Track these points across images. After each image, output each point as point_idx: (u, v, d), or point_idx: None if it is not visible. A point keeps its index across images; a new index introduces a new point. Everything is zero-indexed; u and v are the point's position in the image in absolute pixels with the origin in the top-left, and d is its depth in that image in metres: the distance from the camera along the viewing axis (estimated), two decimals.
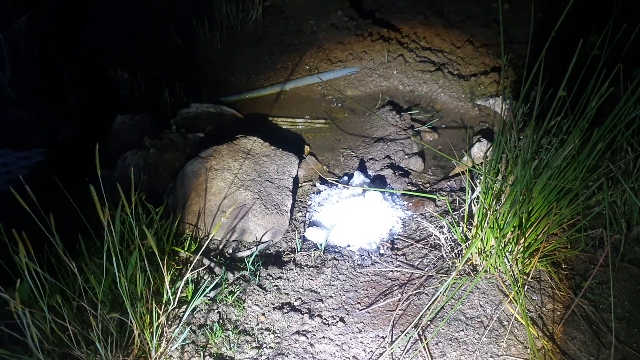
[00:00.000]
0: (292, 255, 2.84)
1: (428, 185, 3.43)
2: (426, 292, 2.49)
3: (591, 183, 2.27)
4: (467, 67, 4.51)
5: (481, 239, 2.46)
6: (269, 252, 2.92)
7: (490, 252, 2.44)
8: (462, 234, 2.66)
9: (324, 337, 2.30)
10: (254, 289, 2.59)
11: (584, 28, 3.49)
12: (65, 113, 4.36)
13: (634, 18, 2.39)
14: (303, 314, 2.42)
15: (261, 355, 2.22)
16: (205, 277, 2.63)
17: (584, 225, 2.40)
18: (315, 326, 2.36)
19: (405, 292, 2.50)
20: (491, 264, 2.46)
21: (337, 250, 2.83)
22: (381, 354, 2.17)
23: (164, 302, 2.19)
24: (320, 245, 2.84)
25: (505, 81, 2.23)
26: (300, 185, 3.48)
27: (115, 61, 4.86)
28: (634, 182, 2.60)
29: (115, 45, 5.05)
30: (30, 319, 1.78)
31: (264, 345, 2.27)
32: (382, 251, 2.81)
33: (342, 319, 2.39)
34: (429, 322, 2.31)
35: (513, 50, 4.25)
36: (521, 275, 2.46)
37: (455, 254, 2.66)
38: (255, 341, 2.29)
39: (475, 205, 2.59)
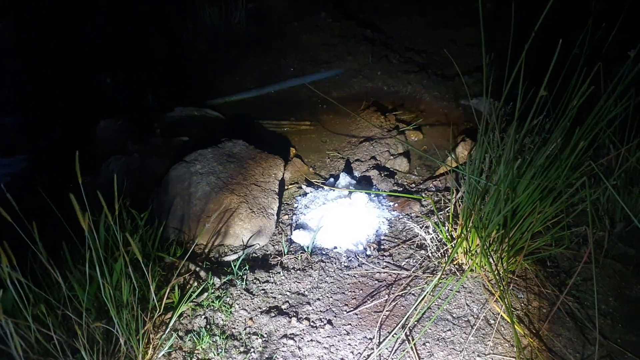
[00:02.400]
0: (279, 258, 2.84)
1: (414, 185, 3.44)
2: (413, 292, 2.49)
3: (574, 181, 2.29)
4: (451, 68, 4.54)
5: (466, 239, 2.47)
6: (255, 255, 2.91)
7: (476, 251, 2.45)
8: (447, 234, 2.67)
9: (311, 340, 2.30)
10: (241, 293, 2.58)
11: (567, 27, 3.52)
12: (49, 119, 4.32)
13: (613, 16, 2.42)
14: (290, 318, 2.42)
15: None
16: (192, 282, 2.61)
17: (568, 223, 2.43)
18: (303, 329, 2.36)
19: (392, 293, 2.50)
20: (477, 263, 2.48)
21: (324, 253, 2.83)
22: (369, 356, 2.18)
23: (150, 308, 2.17)
24: (307, 247, 2.84)
25: (488, 81, 2.24)
26: (286, 187, 3.47)
27: (98, 66, 4.82)
28: (616, 179, 2.63)
29: (99, 50, 5.02)
30: (13, 329, 1.76)
31: (252, 349, 2.26)
32: (368, 252, 2.82)
33: (329, 322, 2.39)
34: (416, 323, 2.32)
35: (496, 50, 4.28)
36: (507, 274, 2.47)
37: (441, 253, 2.68)
38: (243, 346, 2.28)
39: (460, 205, 2.61)
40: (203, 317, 2.43)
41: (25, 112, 4.35)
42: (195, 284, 2.59)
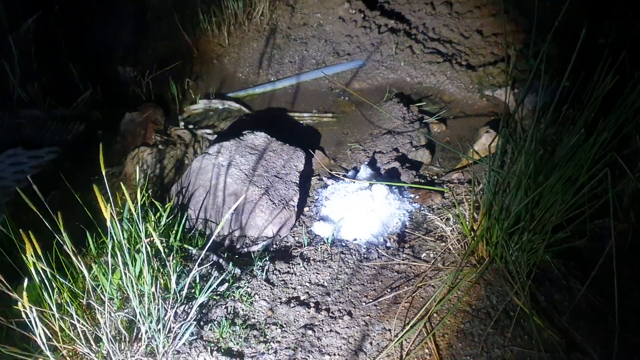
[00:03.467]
0: (300, 249, 2.86)
1: (436, 177, 3.43)
2: (432, 284, 2.49)
3: (597, 173, 2.25)
4: (476, 58, 4.47)
5: (487, 230, 2.45)
6: (276, 247, 2.94)
7: (496, 243, 2.43)
8: (468, 226, 2.66)
9: (331, 330, 2.32)
10: (262, 283, 2.61)
11: (593, 16, 3.45)
12: (75, 112, 4.41)
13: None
14: (310, 308, 2.44)
15: (269, 350, 2.24)
16: (213, 272, 2.65)
17: (591, 215, 2.38)
18: (322, 320, 2.38)
19: (412, 285, 2.50)
20: (497, 255, 2.46)
21: (344, 244, 2.84)
22: (387, 347, 2.18)
23: (171, 298, 2.21)
24: (328, 239, 2.85)
25: (513, 71, 2.21)
26: (307, 179, 3.49)
27: (123, 59, 4.89)
28: None
29: (123, 43, 5.08)
30: (38, 317, 1.81)
31: (272, 339, 2.29)
32: (389, 244, 2.82)
33: (349, 313, 2.40)
34: (435, 314, 2.31)
35: (522, 40, 4.21)
36: (527, 266, 2.45)
37: (461, 245, 2.66)
38: (262, 336, 2.31)
39: (481, 197, 2.59)
40: (224, 307, 2.47)
41: (52, 105, 4.43)
42: (217, 274, 2.63)
